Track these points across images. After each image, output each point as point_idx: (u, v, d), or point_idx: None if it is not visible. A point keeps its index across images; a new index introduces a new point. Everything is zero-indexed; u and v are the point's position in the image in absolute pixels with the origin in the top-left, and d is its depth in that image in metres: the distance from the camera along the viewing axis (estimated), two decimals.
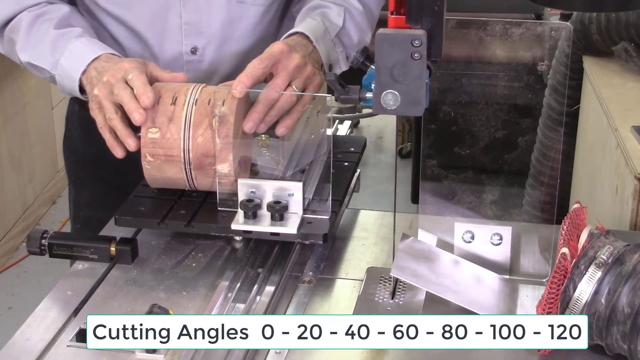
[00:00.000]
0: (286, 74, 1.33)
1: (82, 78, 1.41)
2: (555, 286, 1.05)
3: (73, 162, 1.77)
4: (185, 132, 1.29)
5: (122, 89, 1.31)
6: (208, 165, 1.30)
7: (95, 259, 1.28)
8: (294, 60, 1.34)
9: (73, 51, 1.43)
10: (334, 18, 1.51)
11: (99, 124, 1.35)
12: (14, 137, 3.64)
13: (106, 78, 1.34)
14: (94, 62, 1.41)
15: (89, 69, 1.41)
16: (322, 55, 1.43)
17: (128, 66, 1.34)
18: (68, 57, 1.43)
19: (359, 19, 1.55)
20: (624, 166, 1.94)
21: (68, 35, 1.45)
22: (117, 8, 1.53)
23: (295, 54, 1.35)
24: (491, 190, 1.34)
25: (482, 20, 1.24)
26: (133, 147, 1.31)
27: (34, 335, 1.14)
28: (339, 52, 1.51)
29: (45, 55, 1.46)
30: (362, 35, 1.56)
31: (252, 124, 1.32)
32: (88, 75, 1.40)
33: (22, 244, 3.65)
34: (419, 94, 1.09)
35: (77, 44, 1.44)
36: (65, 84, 1.45)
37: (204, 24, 1.53)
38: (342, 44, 1.52)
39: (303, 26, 1.45)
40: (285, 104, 1.33)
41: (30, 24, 1.48)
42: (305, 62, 1.36)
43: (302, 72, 1.35)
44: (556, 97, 2.55)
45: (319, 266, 1.31)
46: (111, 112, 1.32)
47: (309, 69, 1.36)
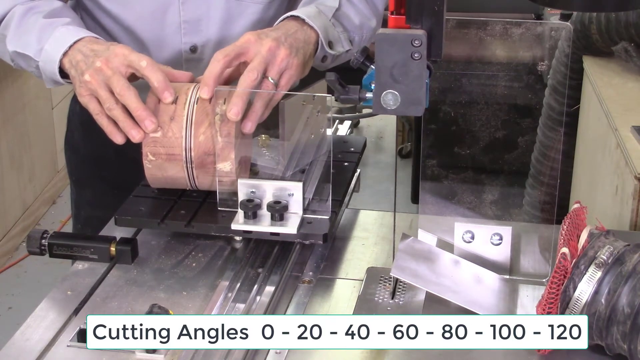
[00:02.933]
0: (260, 58, 1.30)
1: (64, 61, 1.37)
2: (555, 286, 1.05)
3: (74, 162, 1.77)
4: (186, 130, 1.29)
5: (126, 89, 1.28)
6: (209, 163, 1.30)
7: (95, 259, 1.28)
8: (265, 45, 1.31)
9: (57, 37, 1.40)
10: (329, 2, 1.49)
11: (93, 111, 1.32)
12: (14, 137, 3.64)
13: (99, 64, 1.31)
14: (77, 43, 1.37)
15: (72, 51, 1.36)
16: (318, 30, 1.40)
17: (125, 52, 1.31)
18: (52, 43, 1.39)
19: (358, 4, 1.53)
20: (624, 166, 1.94)
21: (55, 24, 1.42)
22: (116, 6, 1.53)
23: (266, 39, 1.32)
24: (491, 190, 1.34)
25: (482, 20, 1.24)
26: (138, 138, 1.29)
27: (34, 335, 1.13)
28: (339, 31, 1.48)
29: (32, 43, 1.42)
30: (363, 20, 1.53)
31: (252, 124, 1.31)
32: (72, 59, 1.36)
33: (22, 244, 3.66)
34: (419, 94, 1.09)
35: (62, 30, 1.40)
36: (47, 69, 1.40)
37: (203, 22, 1.53)
38: (341, 25, 1.49)
39: (293, 12, 1.43)
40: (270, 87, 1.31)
41: (21, 16, 1.45)
42: (278, 44, 1.32)
43: (276, 55, 1.31)
44: (556, 97, 2.55)
45: (319, 266, 1.31)
46: (111, 103, 1.29)
47: (283, 51, 1.32)
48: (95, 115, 1.32)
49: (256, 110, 1.31)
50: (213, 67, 1.29)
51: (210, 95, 1.28)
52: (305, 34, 1.40)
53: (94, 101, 1.32)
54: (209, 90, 1.28)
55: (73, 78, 1.36)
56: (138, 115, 1.28)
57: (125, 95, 1.28)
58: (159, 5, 1.52)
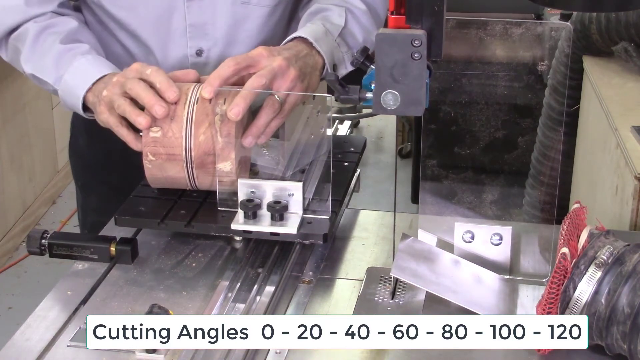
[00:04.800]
0: (270, 70, 1.30)
1: (88, 96, 1.39)
2: (555, 286, 1.05)
3: (80, 168, 1.78)
4: (186, 130, 1.29)
5: (136, 83, 1.29)
6: (210, 164, 1.30)
7: (95, 259, 1.28)
8: (277, 61, 1.31)
9: (78, 68, 1.42)
10: (335, 19, 1.50)
11: (112, 124, 1.33)
12: (14, 137, 3.64)
13: (116, 79, 1.33)
14: (100, 80, 1.39)
15: (95, 87, 1.39)
16: (324, 55, 1.41)
17: (139, 66, 1.33)
18: (72, 73, 1.42)
19: (362, 20, 1.53)
20: (624, 166, 1.94)
21: (74, 52, 1.44)
22: (121, 11, 1.53)
23: (278, 56, 1.32)
24: (491, 190, 1.34)
25: (482, 20, 1.24)
26: (144, 124, 1.28)
27: (34, 335, 1.14)
28: (343, 52, 1.49)
29: (49, 69, 1.45)
30: (367, 36, 1.53)
31: (252, 138, 1.31)
32: (95, 90, 1.38)
33: (22, 244, 3.65)
34: (419, 94, 1.09)
35: (82, 61, 1.42)
36: (68, 100, 1.44)
37: (208, 25, 1.53)
38: (346, 44, 1.50)
39: (302, 31, 1.43)
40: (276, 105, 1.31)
41: (37, 35, 1.46)
42: (289, 65, 1.32)
43: (285, 74, 1.31)
44: (556, 97, 2.55)
45: (319, 266, 1.31)
46: (120, 100, 1.29)
47: (292, 72, 1.32)
48: (115, 128, 1.33)
49: (258, 125, 1.31)
50: (222, 71, 1.29)
51: (212, 95, 1.28)
52: (314, 59, 1.40)
53: (113, 115, 1.32)
54: (212, 90, 1.28)
55: (94, 105, 1.38)
56: (147, 102, 1.28)
57: (134, 88, 1.29)
58: (164, 10, 1.52)
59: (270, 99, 1.31)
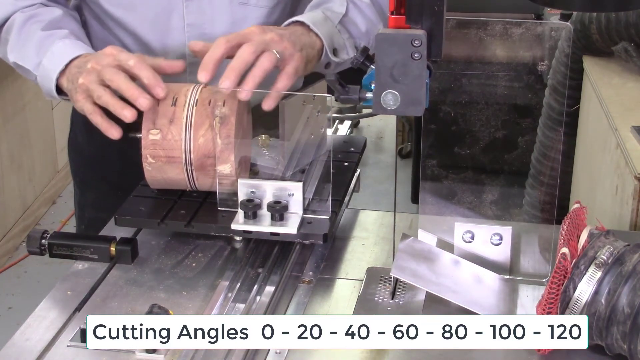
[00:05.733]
0: (262, 40, 1.29)
1: (62, 80, 1.37)
2: (555, 286, 1.05)
3: (78, 164, 1.78)
4: (186, 133, 1.29)
5: (115, 74, 1.27)
6: (209, 166, 1.30)
7: (95, 259, 1.28)
8: (268, 35, 1.31)
9: (54, 52, 1.40)
10: (335, 8, 1.49)
11: (87, 111, 1.31)
12: (14, 137, 3.64)
13: (90, 65, 1.30)
14: (75, 60, 1.37)
15: (69, 68, 1.37)
16: (322, 37, 1.40)
17: (114, 52, 1.31)
18: (49, 58, 1.40)
19: (366, 11, 1.53)
20: (624, 166, 1.94)
21: (53, 37, 1.43)
22: (119, 10, 1.53)
23: (271, 32, 1.32)
24: (491, 190, 1.34)
25: (482, 20, 1.24)
26: (130, 117, 1.25)
27: (34, 335, 1.14)
28: (345, 38, 1.48)
29: (30, 56, 1.44)
30: (370, 26, 1.52)
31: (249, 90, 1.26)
32: (69, 74, 1.36)
33: (22, 244, 3.66)
34: (419, 94, 1.09)
35: (59, 44, 1.41)
36: (45, 84, 1.42)
37: (207, 25, 1.53)
38: (347, 32, 1.49)
39: (299, 16, 1.43)
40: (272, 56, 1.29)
41: (21, 24, 1.46)
42: (282, 38, 1.32)
43: (279, 44, 1.31)
44: (556, 97, 2.55)
45: (319, 266, 1.31)
46: (100, 91, 1.28)
47: (287, 43, 1.32)
48: (89, 115, 1.31)
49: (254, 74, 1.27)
50: (214, 52, 1.28)
51: (208, 79, 1.27)
52: (310, 39, 1.40)
53: (89, 102, 1.31)
54: (208, 74, 1.27)
55: (69, 92, 1.36)
56: (130, 95, 1.26)
57: (114, 80, 1.27)
58: (163, 9, 1.52)
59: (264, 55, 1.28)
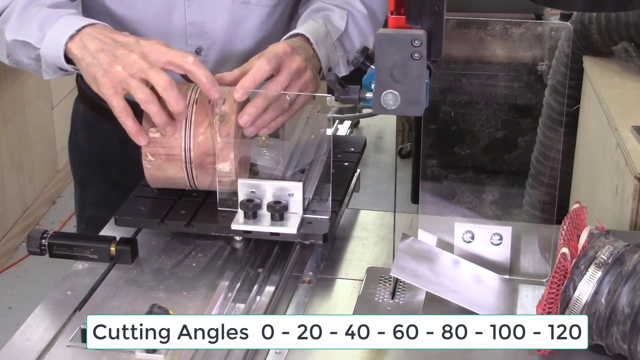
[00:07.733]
0: (288, 74, 1.32)
1: (71, 45, 1.31)
2: (555, 286, 1.05)
3: (78, 163, 1.78)
4: (186, 131, 1.29)
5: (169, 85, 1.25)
6: (209, 164, 1.30)
7: (95, 259, 1.28)
8: (296, 63, 1.33)
9: (62, 23, 1.34)
10: (336, 22, 1.50)
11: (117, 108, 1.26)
12: (14, 137, 3.65)
13: (135, 57, 1.26)
14: (86, 28, 1.32)
15: (81, 35, 1.31)
16: (321, 59, 1.42)
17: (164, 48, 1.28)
18: (56, 28, 1.34)
19: (362, 24, 1.55)
20: (624, 166, 1.94)
21: (60, 12, 1.37)
22: (120, 8, 1.53)
23: (297, 56, 1.34)
24: (491, 190, 1.34)
25: (482, 20, 1.24)
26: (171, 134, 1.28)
27: (34, 335, 1.13)
28: (339, 56, 1.50)
29: (33, 30, 1.36)
30: (364, 40, 1.55)
31: (248, 117, 1.29)
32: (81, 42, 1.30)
33: (22, 244, 3.66)
34: (419, 94, 1.09)
35: (68, 17, 1.35)
36: (50, 54, 1.34)
37: (208, 24, 1.53)
38: (343, 48, 1.51)
39: (304, 28, 1.44)
40: (285, 104, 1.33)
41: (24, 7, 1.39)
42: (306, 66, 1.35)
43: (302, 76, 1.34)
44: (556, 97, 2.55)
45: (319, 266, 1.31)
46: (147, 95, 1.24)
47: (308, 74, 1.35)
48: (118, 114, 1.27)
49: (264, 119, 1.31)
50: (257, 75, 1.29)
51: (244, 98, 1.28)
52: (316, 60, 1.42)
53: (120, 98, 1.26)
54: (245, 93, 1.28)
55: (81, 61, 1.30)
56: (158, 121, 1.26)
57: (168, 91, 1.24)
58: (164, 8, 1.52)
59: (281, 97, 1.32)
